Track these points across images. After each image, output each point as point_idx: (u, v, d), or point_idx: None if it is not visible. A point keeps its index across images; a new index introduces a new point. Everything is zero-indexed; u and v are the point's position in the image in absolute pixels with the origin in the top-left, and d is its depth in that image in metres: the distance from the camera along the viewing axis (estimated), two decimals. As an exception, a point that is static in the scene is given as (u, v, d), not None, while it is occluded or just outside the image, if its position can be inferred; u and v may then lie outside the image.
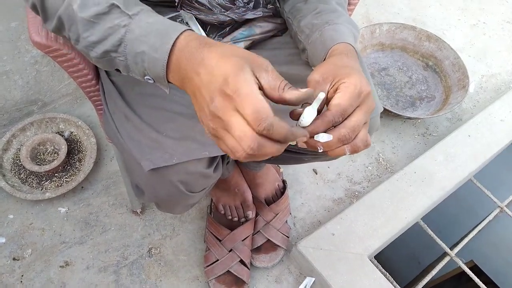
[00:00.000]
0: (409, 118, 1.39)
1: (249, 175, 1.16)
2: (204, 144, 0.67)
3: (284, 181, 1.22)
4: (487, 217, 1.29)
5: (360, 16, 1.78)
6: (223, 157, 0.86)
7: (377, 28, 1.55)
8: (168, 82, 0.51)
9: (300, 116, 0.48)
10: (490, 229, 1.33)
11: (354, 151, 0.50)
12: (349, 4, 0.88)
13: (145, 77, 0.52)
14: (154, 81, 0.52)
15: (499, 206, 1.31)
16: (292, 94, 0.46)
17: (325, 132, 0.49)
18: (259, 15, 0.73)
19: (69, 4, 0.51)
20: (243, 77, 0.43)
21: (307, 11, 0.68)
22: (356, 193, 1.29)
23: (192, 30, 0.50)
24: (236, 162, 1.16)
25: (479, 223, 1.28)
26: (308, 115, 0.48)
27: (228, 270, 1.05)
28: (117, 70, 0.55)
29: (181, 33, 0.49)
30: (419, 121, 1.48)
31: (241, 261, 1.06)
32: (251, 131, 0.42)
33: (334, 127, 0.49)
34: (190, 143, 0.67)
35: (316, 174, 1.31)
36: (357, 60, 0.57)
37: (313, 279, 1.09)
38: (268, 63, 0.46)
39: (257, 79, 0.45)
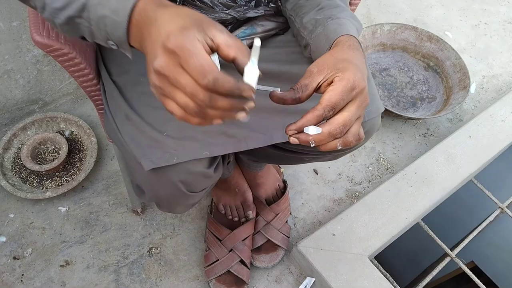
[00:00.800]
0: (410, 118, 1.39)
1: (250, 175, 1.16)
2: (205, 144, 0.67)
3: (284, 181, 1.22)
4: (487, 218, 1.29)
5: (362, 16, 1.78)
6: (223, 157, 0.86)
7: (378, 28, 1.55)
8: (131, 46, 0.50)
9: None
10: (490, 230, 1.33)
11: (346, 145, 0.50)
12: (350, 4, 0.88)
13: (108, 42, 0.51)
14: (117, 47, 0.51)
15: (499, 207, 1.31)
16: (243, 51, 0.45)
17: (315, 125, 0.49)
18: (261, 14, 0.73)
19: None
20: (187, 34, 0.42)
21: (310, 8, 0.68)
22: (357, 193, 1.29)
23: None
24: (237, 162, 1.16)
25: (480, 224, 1.28)
26: (249, 71, 0.46)
27: (228, 270, 1.05)
28: (83, 38, 0.54)
29: None
30: (420, 121, 1.48)
31: (241, 261, 1.06)
32: (201, 88, 0.42)
33: (326, 121, 0.49)
34: (191, 142, 0.67)
35: (317, 174, 1.31)
36: (359, 53, 0.57)
37: (313, 279, 1.09)
38: (222, 27, 0.45)
39: (210, 39, 0.44)
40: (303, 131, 0.49)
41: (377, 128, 0.77)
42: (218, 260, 1.06)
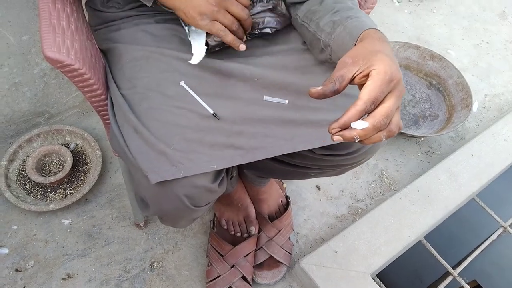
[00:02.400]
0: (413, 136, 1.40)
1: (253, 190, 1.16)
2: (212, 157, 0.68)
3: (287, 197, 1.22)
4: (490, 236, 1.28)
5: (365, 34, 1.80)
6: (227, 171, 0.87)
7: (381, 46, 1.56)
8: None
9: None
10: (493, 249, 1.32)
11: (389, 136, 0.51)
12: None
13: None
14: None
15: (502, 226, 1.30)
16: None
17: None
18: (258, 11, 0.74)
19: None
20: None
21: (325, 12, 0.69)
22: (359, 210, 1.29)
23: None
24: (240, 177, 1.17)
25: (482, 243, 1.27)
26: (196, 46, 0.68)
27: (230, 286, 1.04)
28: None
29: None
30: (422, 139, 1.49)
31: (243, 277, 1.06)
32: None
33: (368, 115, 0.50)
34: (198, 156, 0.67)
35: (320, 190, 1.31)
36: (388, 45, 0.57)
37: (315, 296, 1.08)
38: None
39: None
40: (346, 129, 0.50)
41: (382, 143, 0.77)
42: (220, 276, 1.05)
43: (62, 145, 1.26)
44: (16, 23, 1.10)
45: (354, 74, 0.52)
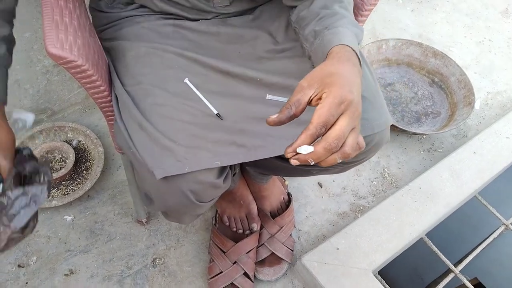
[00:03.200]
0: (415, 133, 1.40)
1: (255, 187, 1.17)
2: (216, 153, 0.68)
3: (289, 194, 1.23)
4: (492, 234, 1.28)
5: (367, 32, 1.80)
6: (229, 168, 0.87)
7: (383, 43, 1.56)
8: None
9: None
10: (494, 247, 1.32)
11: (345, 157, 0.51)
12: (357, 20, 0.89)
13: None
14: None
15: (504, 224, 1.30)
16: None
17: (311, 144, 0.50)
18: None
19: None
20: None
21: (310, 19, 0.69)
22: (361, 208, 1.29)
23: None
24: (243, 174, 1.17)
25: (484, 240, 1.28)
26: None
27: (232, 283, 1.05)
28: None
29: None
30: (424, 136, 1.49)
31: (245, 274, 1.06)
32: None
33: (321, 137, 0.50)
34: (202, 152, 0.68)
35: (321, 187, 1.31)
36: (349, 63, 0.57)
37: (317, 293, 1.09)
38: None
39: None
40: (300, 154, 0.50)
41: (386, 140, 0.78)
42: (221, 272, 1.06)
43: (64, 141, 1.26)
44: (18, 20, 1.10)
45: (310, 98, 0.52)
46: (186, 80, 0.73)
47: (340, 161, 0.51)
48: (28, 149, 0.67)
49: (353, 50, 0.60)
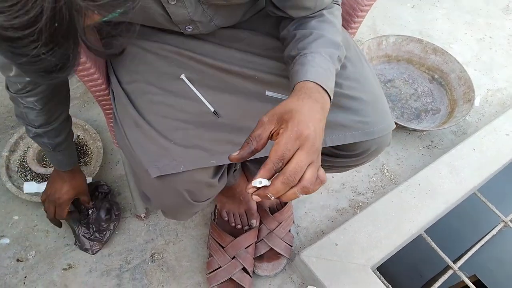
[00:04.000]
0: (414, 130, 1.40)
1: (255, 183, 1.16)
2: (212, 152, 0.68)
3: (288, 190, 1.22)
4: (491, 231, 1.28)
5: (367, 28, 1.79)
6: (230, 165, 0.87)
7: (383, 40, 1.56)
8: None
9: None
10: (493, 244, 1.32)
11: (305, 192, 0.51)
12: (356, 16, 0.88)
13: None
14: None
15: (503, 221, 1.30)
16: None
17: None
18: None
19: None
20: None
21: (290, 39, 0.68)
22: (360, 204, 1.29)
23: None
24: (243, 170, 1.17)
25: (483, 237, 1.27)
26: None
27: (230, 278, 1.05)
28: None
29: None
30: (424, 133, 1.49)
31: (244, 269, 1.06)
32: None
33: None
34: (198, 151, 0.67)
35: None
36: (310, 100, 0.56)
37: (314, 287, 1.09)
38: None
39: None
40: (261, 189, 0.51)
41: (387, 144, 0.77)
42: (220, 267, 1.06)
43: (63, 136, 1.25)
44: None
45: (270, 133, 0.53)
46: (183, 76, 0.72)
47: (301, 195, 0.51)
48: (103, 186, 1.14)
49: (318, 84, 0.58)
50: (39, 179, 1.19)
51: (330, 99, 0.59)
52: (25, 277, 1.07)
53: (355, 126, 0.71)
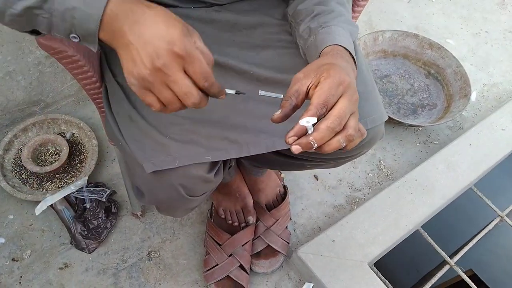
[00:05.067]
0: (411, 125, 1.39)
1: (251, 180, 1.16)
2: (207, 148, 0.67)
3: (285, 187, 1.22)
4: (487, 226, 1.29)
5: (363, 23, 1.79)
6: (225, 161, 0.86)
7: (379, 35, 1.55)
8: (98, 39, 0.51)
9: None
10: (490, 238, 1.33)
11: (349, 140, 0.50)
12: (353, 12, 0.88)
13: (71, 35, 0.50)
14: (79, 40, 0.51)
15: (499, 215, 1.31)
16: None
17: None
18: None
19: None
20: (190, 41, 0.49)
21: (305, 15, 0.68)
22: (357, 200, 1.29)
23: None
24: (239, 167, 1.16)
25: (479, 232, 1.28)
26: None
27: (228, 275, 1.04)
28: (32, 31, 0.53)
29: None
30: (420, 128, 1.48)
31: (241, 266, 1.06)
32: (196, 89, 0.50)
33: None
34: (193, 147, 0.67)
35: (317, 180, 1.31)
36: (343, 59, 0.57)
37: (312, 284, 1.09)
38: (198, 35, 0.52)
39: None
40: (302, 137, 0.49)
41: (381, 136, 0.77)
42: (217, 265, 1.05)
43: (58, 134, 1.25)
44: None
45: (308, 87, 0.52)
46: None
47: (344, 144, 0.50)
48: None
49: (347, 50, 0.60)
50: (34, 178, 1.18)
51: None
52: (21, 276, 1.06)
53: None
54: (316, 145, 0.49)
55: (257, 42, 0.76)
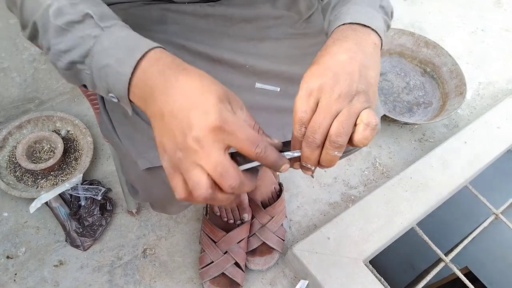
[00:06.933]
0: (406, 123, 1.40)
1: (246, 177, 1.16)
2: None
3: (280, 184, 1.22)
4: (482, 223, 1.29)
5: (359, 21, 1.79)
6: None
7: (376, 33, 1.55)
8: (130, 101, 0.47)
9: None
10: (485, 236, 1.33)
11: (336, 147, 0.46)
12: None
13: (109, 95, 0.47)
14: (118, 100, 0.48)
15: (494, 213, 1.31)
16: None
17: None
18: None
19: (45, 10, 0.48)
20: (229, 107, 0.42)
21: (327, 8, 0.65)
22: (352, 197, 1.29)
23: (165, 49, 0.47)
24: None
25: (474, 230, 1.28)
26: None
27: (223, 272, 1.04)
28: (84, 86, 0.51)
29: (153, 48, 0.45)
30: (416, 126, 1.49)
31: (236, 264, 1.06)
32: (235, 168, 0.41)
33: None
34: None
35: (313, 177, 1.31)
36: (350, 41, 0.50)
37: (307, 281, 1.09)
38: (242, 103, 0.45)
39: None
40: (296, 163, 0.49)
41: (377, 132, 0.77)
42: (212, 262, 1.05)
43: (53, 131, 1.24)
44: (2, 6, 1.08)
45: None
46: None
47: (337, 152, 0.46)
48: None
49: (362, 25, 0.53)
50: (28, 175, 1.18)
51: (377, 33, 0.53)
52: (16, 274, 1.06)
53: None
54: (313, 167, 0.47)
55: (253, 35, 0.75)
